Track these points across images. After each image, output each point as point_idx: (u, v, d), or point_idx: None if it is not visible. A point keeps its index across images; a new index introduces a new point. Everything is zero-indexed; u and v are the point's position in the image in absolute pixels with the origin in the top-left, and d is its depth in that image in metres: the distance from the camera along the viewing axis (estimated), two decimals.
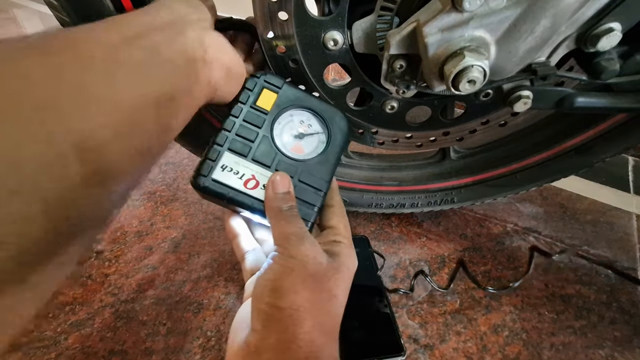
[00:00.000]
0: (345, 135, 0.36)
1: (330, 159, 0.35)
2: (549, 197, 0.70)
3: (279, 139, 0.34)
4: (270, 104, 0.34)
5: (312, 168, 0.34)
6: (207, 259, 0.56)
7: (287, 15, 0.37)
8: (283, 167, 0.33)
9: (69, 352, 0.44)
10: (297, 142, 0.35)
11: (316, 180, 0.34)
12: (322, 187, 0.34)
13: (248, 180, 0.32)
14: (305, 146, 0.35)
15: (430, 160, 0.60)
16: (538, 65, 0.34)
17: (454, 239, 0.61)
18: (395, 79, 0.37)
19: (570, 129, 0.52)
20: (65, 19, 0.36)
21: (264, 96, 0.34)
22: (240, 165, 0.32)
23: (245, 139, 0.33)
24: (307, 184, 0.33)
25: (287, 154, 0.34)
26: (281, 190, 0.31)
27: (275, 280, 0.28)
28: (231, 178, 0.32)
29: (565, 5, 0.29)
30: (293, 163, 0.33)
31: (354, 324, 0.47)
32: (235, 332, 0.30)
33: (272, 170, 0.33)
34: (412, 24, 0.32)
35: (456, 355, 0.45)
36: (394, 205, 0.61)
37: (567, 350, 0.46)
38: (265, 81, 0.34)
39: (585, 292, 0.53)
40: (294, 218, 0.30)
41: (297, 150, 0.34)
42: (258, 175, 0.32)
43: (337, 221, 0.34)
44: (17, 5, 1.89)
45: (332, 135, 0.36)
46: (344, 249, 0.32)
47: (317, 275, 0.28)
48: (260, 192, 0.32)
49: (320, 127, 0.36)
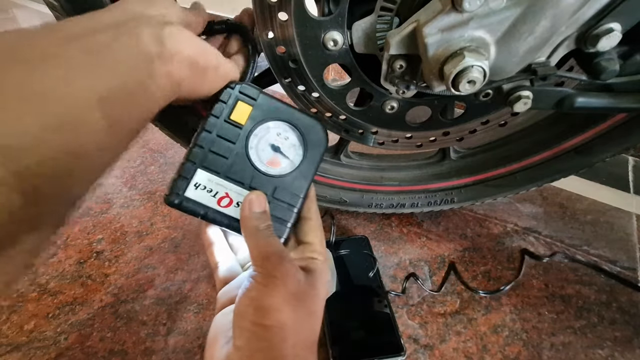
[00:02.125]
0: (322, 147, 0.35)
1: (306, 173, 0.34)
2: (549, 197, 0.70)
3: (254, 153, 0.33)
4: (245, 117, 0.33)
5: (287, 183, 0.33)
6: (207, 259, 0.56)
7: (287, 16, 0.37)
8: (257, 184, 0.32)
9: (69, 352, 0.44)
10: (273, 155, 0.34)
11: (290, 196, 0.33)
12: (296, 203, 0.33)
13: (222, 198, 0.32)
14: (282, 159, 0.34)
15: (430, 160, 0.60)
16: (538, 65, 0.34)
17: (454, 239, 0.61)
18: (395, 79, 0.37)
19: (570, 129, 0.52)
20: None
21: (238, 109, 0.32)
22: (213, 183, 0.32)
23: (219, 155, 0.32)
24: (281, 200, 0.33)
25: (262, 170, 0.33)
26: (257, 209, 0.31)
27: (259, 299, 0.28)
28: (204, 196, 0.31)
29: (565, 5, 0.29)
30: (268, 179, 0.33)
31: (354, 324, 0.47)
32: (213, 346, 0.30)
33: (246, 188, 0.32)
34: (412, 24, 0.32)
35: (456, 355, 0.45)
36: (394, 205, 0.61)
37: (567, 350, 0.46)
38: (240, 92, 0.33)
39: (585, 292, 0.53)
40: (271, 238, 0.30)
41: (273, 164, 0.33)
42: (232, 193, 0.32)
43: (312, 236, 0.34)
44: (17, 5, 1.89)
45: (309, 147, 0.34)
46: (319, 265, 0.32)
47: (297, 294, 0.29)
48: (234, 210, 0.32)
49: (297, 139, 0.34)
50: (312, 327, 0.30)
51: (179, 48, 0.27)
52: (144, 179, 0.72)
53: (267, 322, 0.27)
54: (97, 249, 0.58)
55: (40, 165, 0.19)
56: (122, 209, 0.65)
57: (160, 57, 0.26)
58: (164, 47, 0.26)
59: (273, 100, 0.34)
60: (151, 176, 0.73)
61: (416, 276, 0.52)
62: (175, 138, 0.50)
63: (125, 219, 0.63)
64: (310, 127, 0.34)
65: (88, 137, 0.22)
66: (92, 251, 0.57)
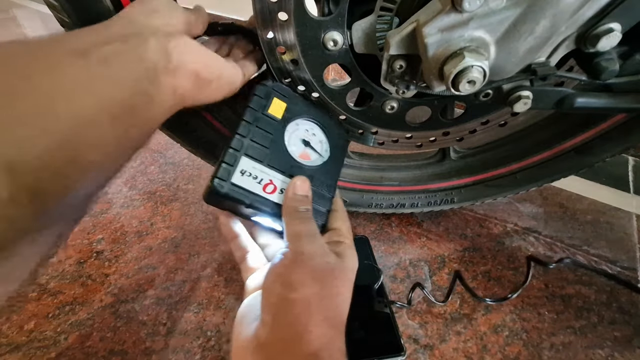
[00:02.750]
0: (344, 142, 0.38)
1: (335, 165, 0.37)
2: (549, 197, 0.70)
3: (289, 146, 0.35)
4: (281, 112, 0.35)
5: (320, 173, 0.36)
6: (207, 259, 0.56)
7: (287, 16, 0.37)
8: (296, 173, 0.34)
9: (69, 352, 0.44)
10: (304, 149, 0.36)
11: (324, 185, 0.36)
12: (330, 192, 0.36)
13: (267, 184, 0.33)
14: (312, 153, 0.37)
15: (430, 160, 0.60)
16: (538, 65, 0.34)
17: (454, 239, 0.61)
18: (395, 79, 0.37)
19: (570, 129, 0.52)
20: (65, 19, 0.36)
21: (274, 104, 0.35)
22: (258, 170, 0.33)
23: (260, 144, 0.33)
24: (316, 189, 0.35)
25: (298, 160, 0.35)
26: (301, 192, 0.33)
27: (286, 274, 0.29)
28: (251, 183, 0.32)
29: (565, 5, 0.29)
30: (304, 169, 0.35)
31: (354, 324, 0.47)
32: (241, 324, 0.31)
33: (287, 176, 0.34)
34: (412, 24, 0.32)
35: (456, 355, 0.45)
36: (394, 205, 0.61)
37: (567, 350, 0.46)
38: (274, 89, 0.35)
39: (585, 292, 0.53)
40: (308, 219, 0.32)
41: (304, 157, 0.36)
42: (275, 180, 0.33)
43: (340, 224, 0.35)
44: (17, 5, 1.90)
45: (333, 142, 0.38)
46: (347, 249, 0.33)
47: (325, 272, 0.29)
48: (279, 197, 0.33)
49: (323, 135, 0.38)
50: (340, 307, 0.31)
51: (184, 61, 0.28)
52: (144, 179, 0.72)
53: (293, 296, 0.28)
54: (97, 249, 0.58)
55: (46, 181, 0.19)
56: (122, 209, 0.65)
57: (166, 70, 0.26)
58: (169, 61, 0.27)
59: (302, 99, 0.37)
60: (151, 176, 0.73)
61: (422, 286, 0.51)
62: (175, 138, 0.50)
63: (125, 219, 0.63)
64: (333, 126, 0.38)
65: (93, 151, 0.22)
66: (92, 251, 0.57)
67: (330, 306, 0.29)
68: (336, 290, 0.30)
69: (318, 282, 0.29)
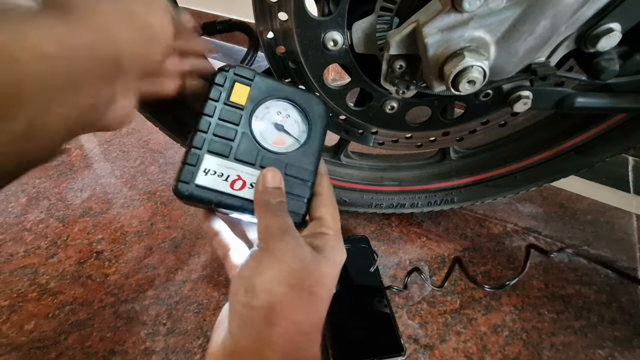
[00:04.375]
0: (324, 120, 0.34)
1: (314, 147, 0.33)
2: (549, 197, 0.70)
3: (259, 134, 0.32)
4: (244, 98, 0.32)
5: (296, 159, 0.33)
6: (207, 259, 0.56)
7: (287, 16, 0.37)
8: (268, 163, 0.32)
9: (69, 352, 0.44)
10: (278, 134, 0.33)
11: (302, 171, 0.33)
12: (309, 177, 0.33)
13: (234, 181, 0.31)
14: (287, 138, 0.33)
15: (430, 160, 0.60)
16: (538, 65, 0.34)
17: (454, 239, 0.61)
18: (395, 79, 0.37)
19: (570, 129, 0.52)
20: None
21: (236, 90, 0.32)
22: (223, 167, 0.31)
23: (224, 138, 0.31)
24: (294, 177, 0.32)
25: (270, 149, 0.32)
26: (271, 184, 0.30)
27: (249, 277, 0.27)
28: (216, 181, 0.30)
29: (565, 5, 0.29)
30: (277, 157, 0.32)
31: (354, 324, 0.47)
32: (216, 330, 0.29)
33: (257, 168, 0.32)
34: (412, 24, 0.33)
35: (456, 355, 0.45)
36: (394, 205, 0.61)
37: (567, 350, 0.46)
38: (235, 74, 0.32)
39: (585, 292, 0.53)
40: (280, 212, 0.29)
41: (279, 143, 0.33)
42: (244, 175, 0.31)
43: (324, 211, 0.32)
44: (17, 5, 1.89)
45: (311, 122, 0.34)
46: (330, 241, 0.30)
47: (296, 272, 0.27)
48: (249, 192, 0.31)
49: (299, 115, 0.34)
50: (313, 310, 0.28)
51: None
52: (144, 179, 0.72)
53: (255, 303, 0.26)
54: (97, 249, 0.58)
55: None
56: (122, 209, 0.65)
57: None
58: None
59: (269, 79, 0.33)
60: (151, 176, 0.73)
61: (420, 271, 0.50)
62: (175, 138, 0.50)
63: (125, 219, 0.63)
64: (309, 102, 0.34)
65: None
66: (92, 251, 0.57)
67: (300, 310, 0.27)
68: (308, 291, 0.27)
69: (286, 285, 0.26)
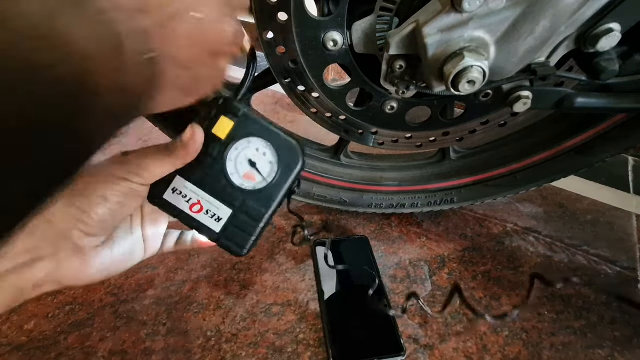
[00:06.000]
0: (297, 169, 0.36)
1: (277, 191, 0.35)
2: (549, 197, 0.70)
3: (232, 165, 0.35)
4: (225, 132, 0.34)
5: (256, 198, 0.35)
6: (207, 259, 0.56)
7: (287, 16, 0.37)
8: (228, 196, 0.35)
9: (69, 352, 0.45)
10: (249, 169, 0.35)
11: (256, 211, 0.35)
12: (260, 218, 0.35)
13: (194, 204, 0.35)
14: (256, 175, 0.35)
15: (430, 161, 0.60)
16: (538, 65, 0.34)
17: (454, 239, 0.61)
18: (395, 80, 0.37)
19: (570, 129, 0.52)
20: None
21: (220, 124, 0.34)
22: (188, 190, 0.34)
23: (197, 164, 0.33)
24: (247, 214, 0.35)
25: (236, 183, 0.35)
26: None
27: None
28: (180, 201, 0.34)
29: (565, 5, 0.29)
30: (239, 192, 0.35)
31: (354, 324, 0.47)
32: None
33: (217, 198, 0.35)
34: (412, 24, 0.33)
35: (456, 355, 0.46)
36: (394, 205, 0.61)
37: (567, 350, 0.46)
38: (223, 108, 0.34)
39: (585, 292, 0.53)
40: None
41: (249, 178, 0.35)
42: (203, 202, 0.35)
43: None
44: None
45: (284, 167, 0.35)
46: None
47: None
48: (203, 217, 0.35)
49: (273, 157, 0.35)
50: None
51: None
52: None
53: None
54: None
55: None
56: None
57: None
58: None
59: (256, 117, 0.35)
60: None
61: (417, 296, 0.45)
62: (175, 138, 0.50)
63: None
64: (289, 148, 0.35)
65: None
66: None
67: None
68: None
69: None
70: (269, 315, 0.49)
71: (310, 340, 0.46)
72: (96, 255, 0.31)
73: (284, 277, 0.54)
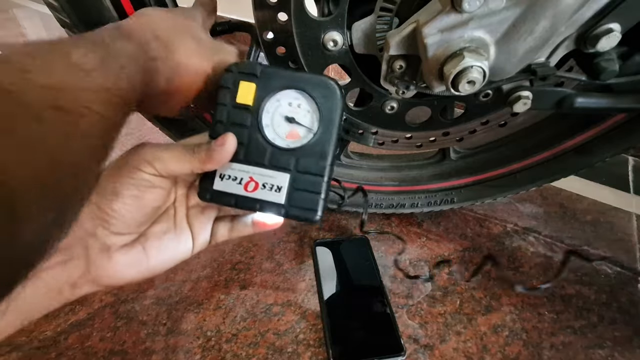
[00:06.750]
0: (339, 104, 0.32)
1: (328, 137, 0.32)
2: (549, 197, 0.70)
3: (271, 130, 0.32)
4: (251, 96, 0.31)
5: (309, 153, 0.32)
6: (207, 259, 0.56)
7: (287, 16, 0.37)
8: (277, 161, 0.32)
9: (69, 352, 0.45)
10: (290, 127, 0.32)
11: (315, 165, 0.32)
12: (323, 172, 0.32)
13: (247, 183, 0.32)
14: (300, 129, 0.32)
15: (430, 161, 0.60)
16: (537, 65, 0.34)
17: (454, 239, 0.61)
18: (395, 80, 0.37)
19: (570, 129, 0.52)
20: (65, 20, 0.36)
21: (242, 90, 0.31)
22: (236, 170, 0.32)
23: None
24: (307, 172, 0.32)
25: (280, 145, 0.32)
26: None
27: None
28: (231, 185, 0.31)
29: (565, 6, 0.29)
30: (288, 153, 0.32)
31: (354, 324, 0.47)
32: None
33: (268, 167, 0.32)
34: (412, 24, 0.33)
35: (456, 355, 0.46)
36: (394, 205, 0.61)
37: (567, 350, 0.46)
38: (239, 73, 0.31)
39: (585, 292, 0.53)
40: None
41: (293, 136, 0.32)
42: (255, 176, 0.32)
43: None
44: (17, 5, 1.90)
45: (324, 109, 0.32)
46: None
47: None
48: (262, 193, 0.31)
49: (310, 104, 0.32)
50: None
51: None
52: None
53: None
54: None
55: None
56: None
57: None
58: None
59: (276, 69, 0.32)
60: None
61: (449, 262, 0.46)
62: (175, 138, 0.50)
63: None
64: (322, 88, 0.32)
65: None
66: None
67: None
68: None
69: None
70: (269, 315, 0.49)
71: (310, 340, 0.46)
72: (125, 253, 0.30)
73: (284, 277, 0.54)
